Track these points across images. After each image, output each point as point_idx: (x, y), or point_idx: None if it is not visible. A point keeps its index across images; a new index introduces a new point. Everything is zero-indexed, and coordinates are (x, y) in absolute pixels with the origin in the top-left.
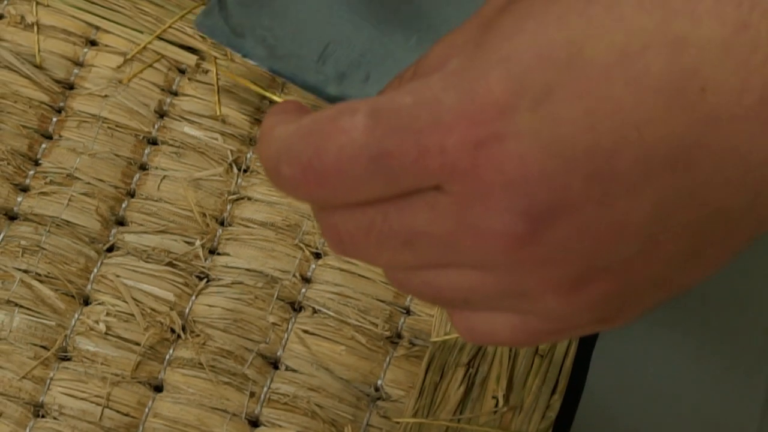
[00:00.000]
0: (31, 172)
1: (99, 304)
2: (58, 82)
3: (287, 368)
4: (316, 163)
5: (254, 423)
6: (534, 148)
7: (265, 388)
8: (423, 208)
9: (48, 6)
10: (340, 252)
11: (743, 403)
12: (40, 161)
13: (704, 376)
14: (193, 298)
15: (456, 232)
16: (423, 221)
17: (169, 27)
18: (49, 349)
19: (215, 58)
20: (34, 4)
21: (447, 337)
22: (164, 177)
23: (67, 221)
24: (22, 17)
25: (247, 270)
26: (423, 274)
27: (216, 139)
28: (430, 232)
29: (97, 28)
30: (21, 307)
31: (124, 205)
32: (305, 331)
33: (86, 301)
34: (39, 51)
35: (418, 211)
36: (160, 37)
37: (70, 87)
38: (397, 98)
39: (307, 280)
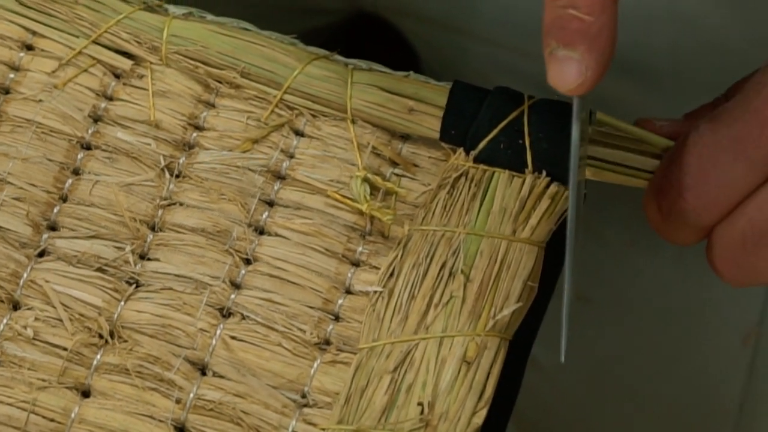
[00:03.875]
0: None
1: (28, 309)
2: None
3: (214, 374)
4: (686, 180)
5: (180, 429)
6: None
7: (192, 394)
8: None
9: None
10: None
11: (716, 410)
12: None
13: (674, 384)
14: (122, 303)
15: None
16: None
17: (105, 31)
18: None
19: (150, 63)
20: None
21: (375, 344)
22: (96, 182)
23: None
24: None
25: (177, 276)
26: None
27: (149, 144)
28: None
29: (34, 32)
30: None
31: (56, 210)
32: (233, 337)
33: (15, 307)
34: None
35: None
36: (95, 42)
37: (6, 92)
38: (727, 102)
39: (236, 286)
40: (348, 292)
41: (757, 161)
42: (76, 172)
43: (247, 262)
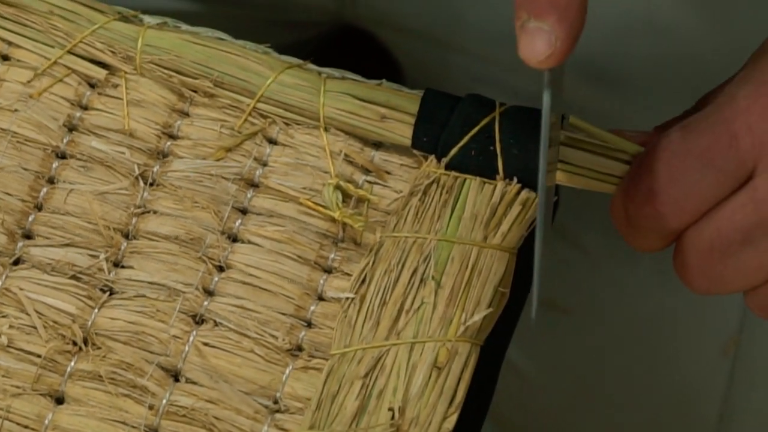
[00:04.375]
0: None
1: (2, 316)
2: None
3: (187, 380)
4: (655, 186)
5: None
6: None
7: (164, 401)
8: (746, 200)
9: None
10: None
11: (696, 419)
12: None
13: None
14: (96, 310)
15: None
16: (751, 212)
17: (80, 41)
18: None
19: (125, 72)
20: None
21: (346, 350)
22: (71, 191)
23: None
24: None
25: (150, 283)
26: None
27: (123, 153)
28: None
29: (9, 43)
30: None
31: (30, 219)
32: (205, 344)
33: None
34: None
35: (744, 205)
36: (70, 52)
37: None
38: (699, 112)
39: (209, 293)
40: (320, 298)
41: (725, 171)
42: (51, 181)
43: (220, 269)
